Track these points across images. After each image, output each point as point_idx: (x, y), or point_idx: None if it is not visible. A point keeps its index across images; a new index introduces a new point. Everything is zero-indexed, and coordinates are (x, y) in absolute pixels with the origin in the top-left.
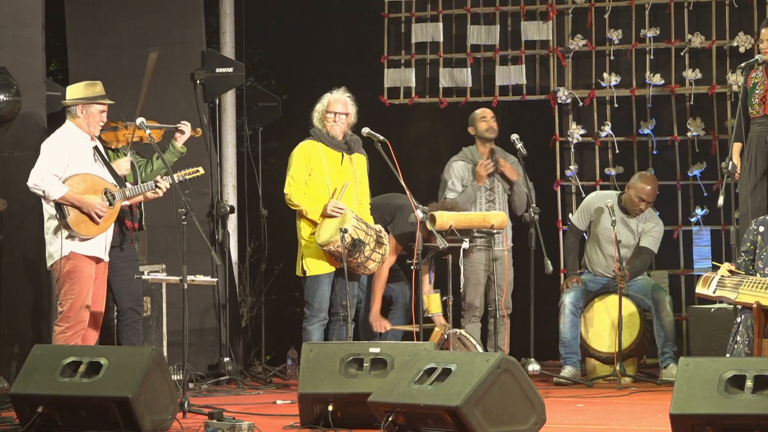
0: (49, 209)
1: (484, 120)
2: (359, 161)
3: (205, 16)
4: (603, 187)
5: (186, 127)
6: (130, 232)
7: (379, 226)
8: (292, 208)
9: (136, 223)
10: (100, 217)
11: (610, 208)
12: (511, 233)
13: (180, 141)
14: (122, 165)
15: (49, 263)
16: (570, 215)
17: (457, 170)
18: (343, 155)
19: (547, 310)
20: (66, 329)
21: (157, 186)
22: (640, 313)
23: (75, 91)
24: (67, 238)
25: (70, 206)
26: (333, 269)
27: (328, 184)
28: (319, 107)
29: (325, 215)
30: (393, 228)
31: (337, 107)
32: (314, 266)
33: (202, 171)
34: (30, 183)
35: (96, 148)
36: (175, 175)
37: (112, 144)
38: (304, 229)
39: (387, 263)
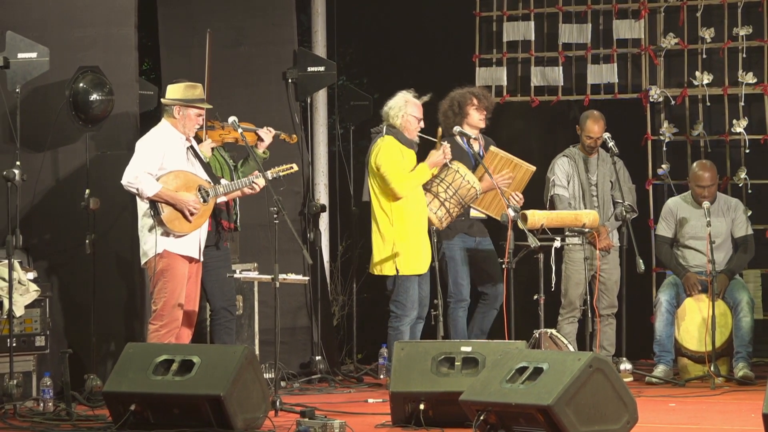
0: (143, 207)
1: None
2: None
3: (297, 15)
4: None
5: (266, 135)
6: (226, 232)
7: None
8: (402, 195)
9: (233, 223)
10: (192, 214)
11: (707, 210)
12: (617, 234)
13: (260, 148)
14: (205, 147)
15: (143, 261)
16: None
17: (561, 166)
18: (415, 153)
19: (639, 310)
20: (160, 327)
21: (253, 182)
22: (732, 313)
23: (175, 91)
24: (162, 235)
25: (164, 203)
26: (425, 270)
27: None
28: (403, 112)
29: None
30: None
31: (421, 113)
32: (407, 266)
33: (296, 168)
34: (124, 181)
35: (191, 147)
36: (269, 172)
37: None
38: (397, 227)
39: None
